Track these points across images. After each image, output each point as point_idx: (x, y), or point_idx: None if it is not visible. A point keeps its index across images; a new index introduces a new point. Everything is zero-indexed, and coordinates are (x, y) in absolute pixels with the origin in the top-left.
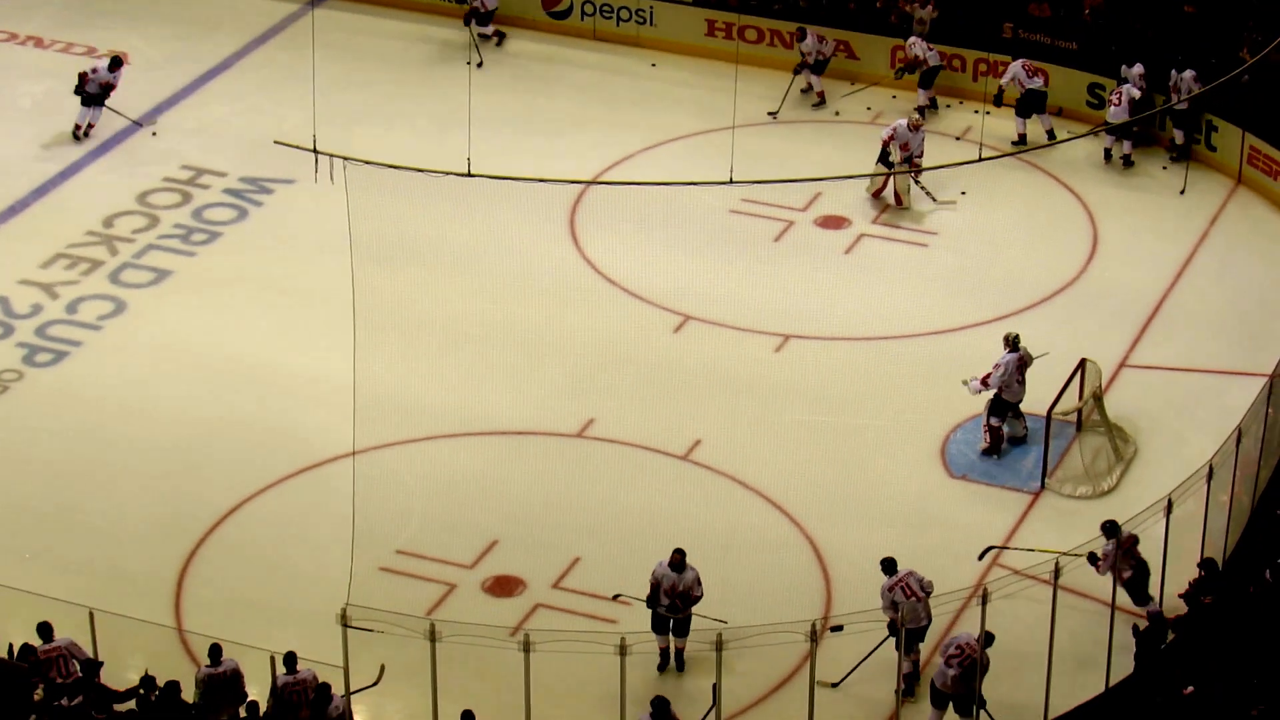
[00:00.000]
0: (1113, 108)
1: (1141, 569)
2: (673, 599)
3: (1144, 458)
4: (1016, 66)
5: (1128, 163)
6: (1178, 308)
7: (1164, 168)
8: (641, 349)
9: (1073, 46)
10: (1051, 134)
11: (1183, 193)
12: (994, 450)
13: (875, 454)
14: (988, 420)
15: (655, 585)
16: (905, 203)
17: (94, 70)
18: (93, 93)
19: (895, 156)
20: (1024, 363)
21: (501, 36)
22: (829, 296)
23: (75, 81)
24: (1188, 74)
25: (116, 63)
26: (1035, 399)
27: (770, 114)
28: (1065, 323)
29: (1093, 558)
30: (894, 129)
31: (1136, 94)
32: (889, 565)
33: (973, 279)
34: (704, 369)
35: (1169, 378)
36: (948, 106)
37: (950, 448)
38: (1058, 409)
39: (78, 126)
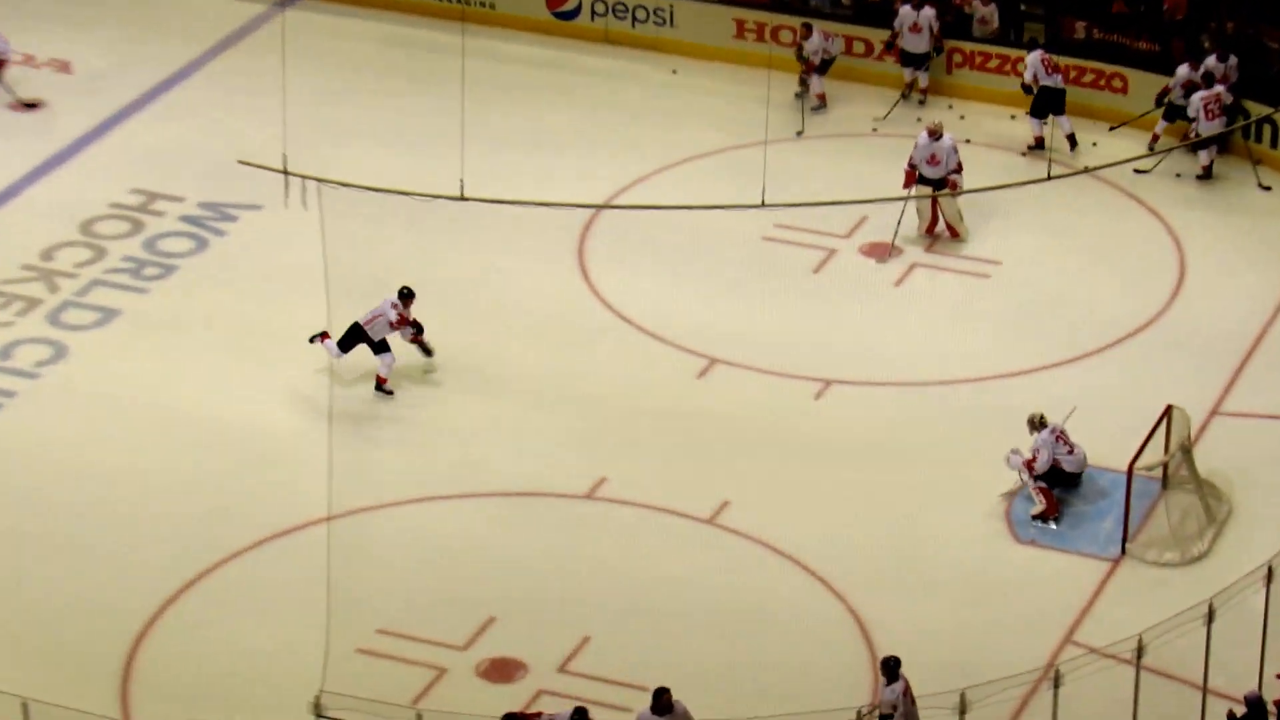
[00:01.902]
0: (1205, 121)
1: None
2: None
3: (1240, 518)
4: (1035, 59)
5: (1208, 174)
6: (1278, 347)
7: (1260, 185)
8: (661, 397)
9: (1155, 48)
10: (1073, 139)
11: (1267, 189)
12: (1052, 513)
13: (929, 516)
14: (1035, 483)
15: None
16: (960, 233)
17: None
18: (376, 339)
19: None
20: (1061, 434)
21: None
22: (877, 335)
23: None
24: (1211, 60)
25: (407, 295)
26: (1115, 451)
27: (797, 133)
28: (1148, 365)
29: None
30: (915, 145)
31: (1229, 98)
32: (894, 668)
33: (1042, 315)
34: (733, 419)
35: (1268, 427)
36: (1012, 118)
37: (1015, 508)
38: (1141, 463)
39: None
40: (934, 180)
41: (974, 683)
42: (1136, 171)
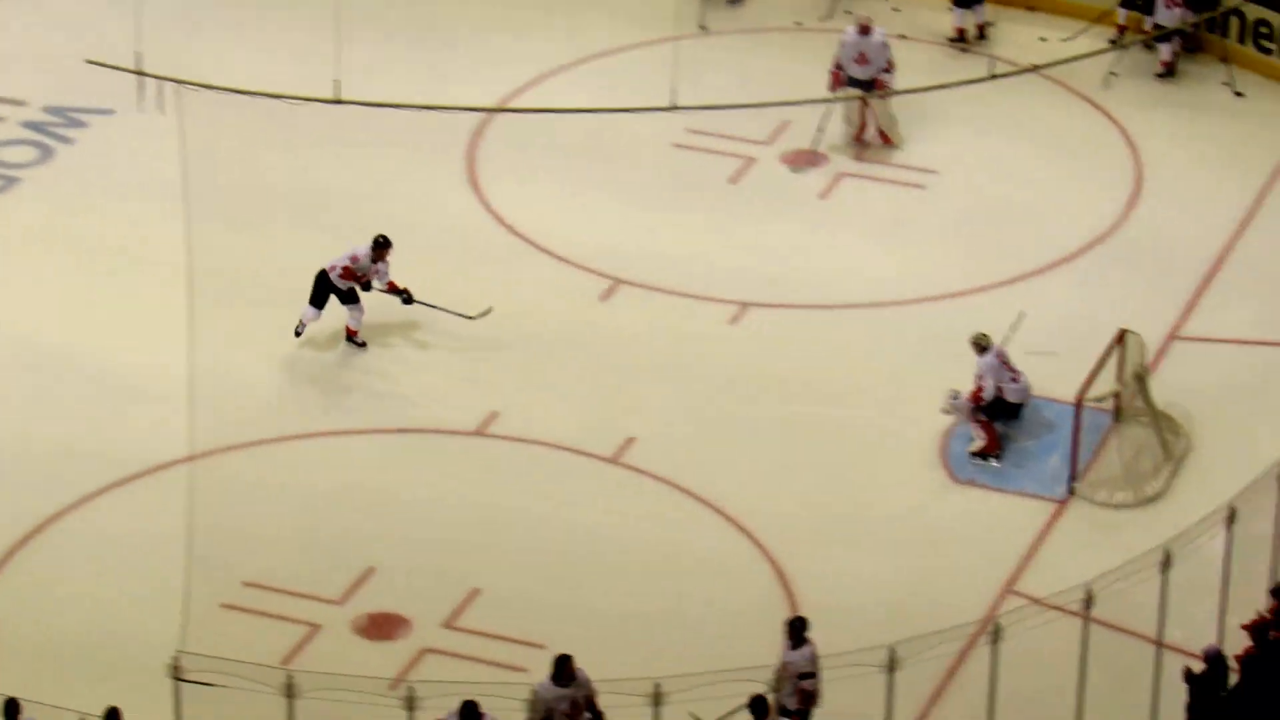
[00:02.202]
0: (1164, 10)
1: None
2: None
3: (1200, 454)
4: None
5: (1169, 71)
6: (1243, 264)
7: (1230, 88)
8: (560, 322)
9: None
10: (983, 29)
11: (1240, 94)
12: (993, 449)
13: (857, 453)
14: (975, 416)
15: (546, 715)
16: (893, 140)
17: (354, 259)
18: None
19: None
20: (1005, 358)
21: None
22: (800, 253)
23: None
24: None
25: (381, 244)
26: (1063, 380)
27: (701, 27)
28: (1100, 284)
29: None
30: (841, 43)
31: None
32: (801, 630)
33: (982, 230)
34: (640, 346)
35: (1232, 353)
36: (950, 10)
37: (954, 446)
38: (1091, 394)
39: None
40: (863, 81)
41: (905, 637)
42: (1113, 74)
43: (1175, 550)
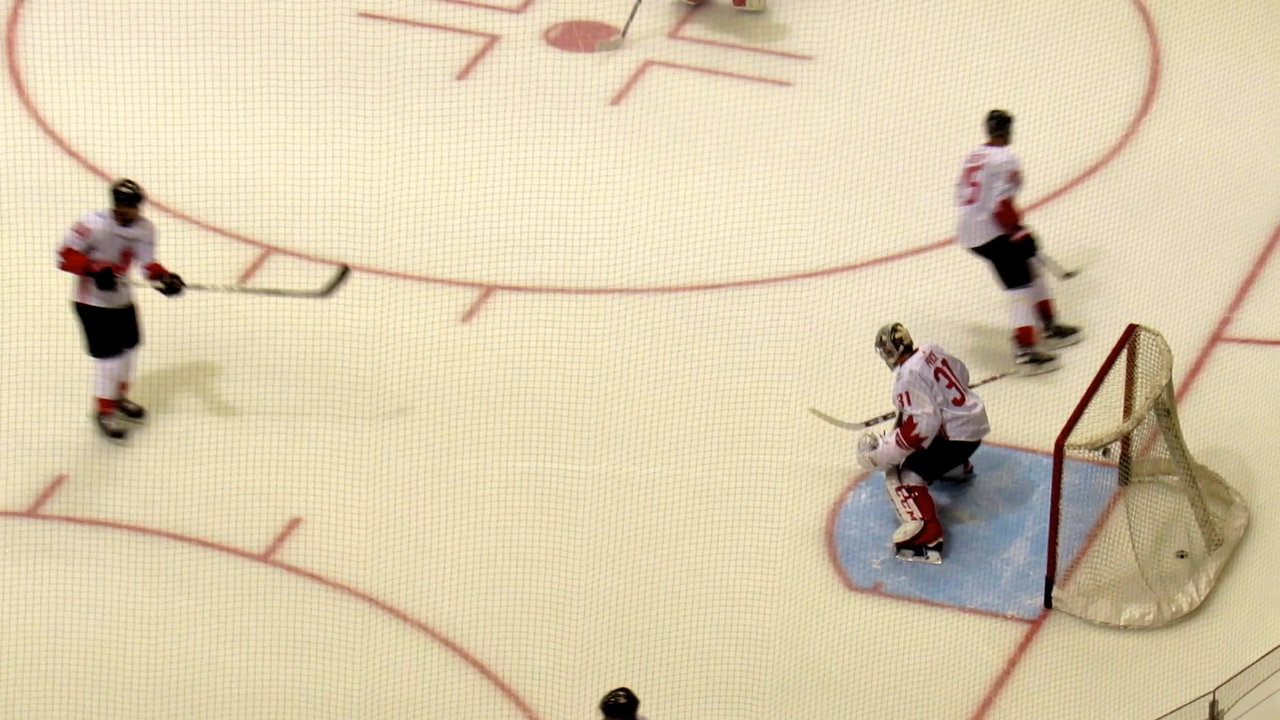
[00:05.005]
0: None
1: None
2: None
3: (1262, 533)
4: None
5: None
6: None
7: None
8: (172, 320)
9: None
10: None
11: None
12: (932, 536)
13: (679, 545)
14: (901, 481)
15: None
16: (750, 2)
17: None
18: None
19: None
20: (942, 367)
21: None
22: (578, 199)
23: None
24: None
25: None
26: (1031, 416)
27: None
28: (1091, 246)
29: None
30: None
31: None
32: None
33: (890, 157)
34: (307, 359)
35: None
36: None
37: (842, 523)
38: (1078, 438)
39: None
40: None
41: None
42: None
43: (1227, 704)
